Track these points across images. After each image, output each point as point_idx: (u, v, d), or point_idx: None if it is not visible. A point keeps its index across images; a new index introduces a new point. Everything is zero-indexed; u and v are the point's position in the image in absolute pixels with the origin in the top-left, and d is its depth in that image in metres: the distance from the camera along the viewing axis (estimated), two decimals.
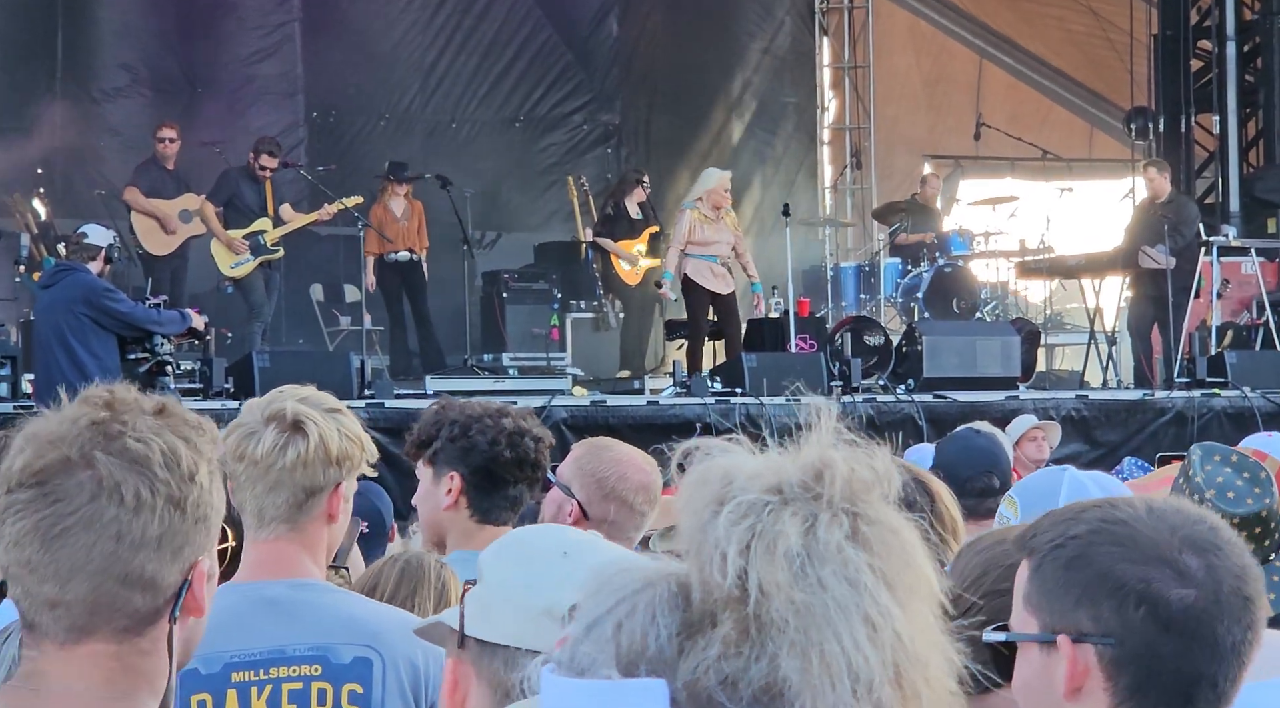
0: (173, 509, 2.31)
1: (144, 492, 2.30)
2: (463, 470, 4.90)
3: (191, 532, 2.34)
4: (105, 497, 2.29)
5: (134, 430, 2.33)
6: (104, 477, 2.29)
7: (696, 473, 1.69)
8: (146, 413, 2.36)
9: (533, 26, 22.27)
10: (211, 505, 2.36)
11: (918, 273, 19.31)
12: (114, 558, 2.29)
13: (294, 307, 19.08)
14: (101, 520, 2.29)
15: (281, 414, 3.74)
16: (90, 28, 19.76)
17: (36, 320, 13.22)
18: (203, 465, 2.36)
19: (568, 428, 14.96)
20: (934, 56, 25.36)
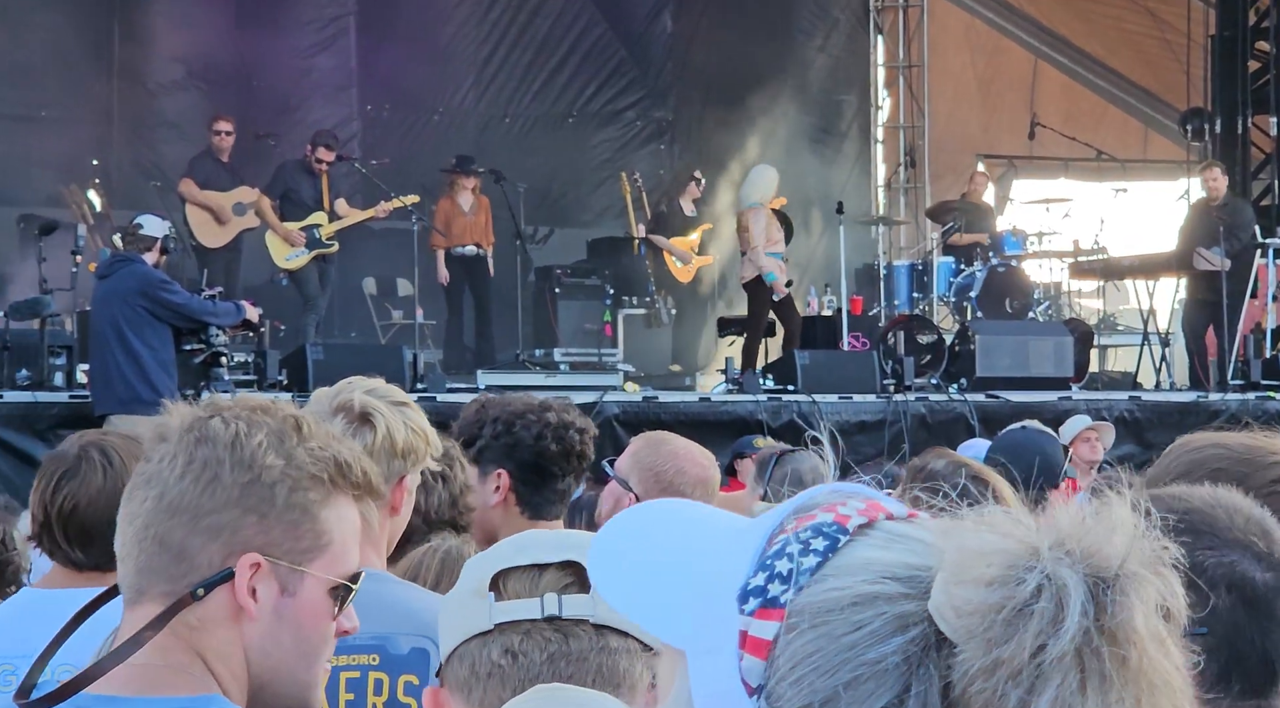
0: (219, 487, 2.37)
1: (195, 463, 2.38)
2: (510, 467, 4.90)
3: (237, 518, 2.37)
4: (167, 462, 2.40)
5: (223, 416, 2.41)
6: (175, 443, 2.40)
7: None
8: (272, 415, 2.45)
9: (586, 22, 22.28)
10: (271, 502, 2.38)
11: (971, 272, 19.27)
12: (154, 515, 2.38)
13: (347, 300, 19.13)
14: (155, 480, 2.40)
15: (349, 406, 3.74)
16: (146, 21, 19.83)
17: (93, 311, 13.27)
18: (275, 461, 2.38)
19: (619, 424, 14.98)
20: (989, 56, 25.29)
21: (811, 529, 1.53)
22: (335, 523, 2.44)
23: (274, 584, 2.39)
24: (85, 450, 4.18)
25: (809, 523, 1.54)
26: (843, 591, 1.49)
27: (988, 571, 1.43)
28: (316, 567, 2.42)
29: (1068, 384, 17.39)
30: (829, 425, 1.87)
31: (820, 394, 16.05)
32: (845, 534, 1.52)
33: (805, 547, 1.52)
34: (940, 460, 5.08)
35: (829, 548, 1.51)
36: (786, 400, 15.98)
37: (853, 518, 1.53)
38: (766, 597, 1.51)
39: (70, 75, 19.43)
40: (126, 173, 19.44)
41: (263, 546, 2.38)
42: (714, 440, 14.06)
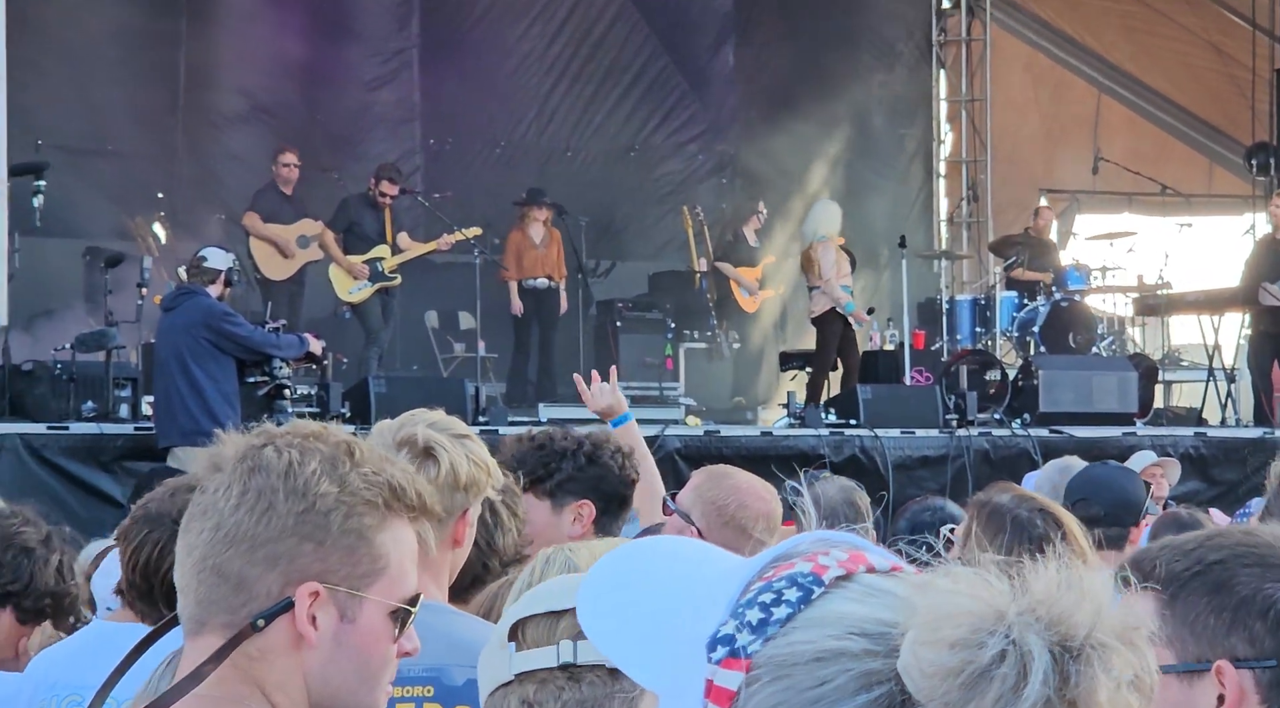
0: (274, 516, 2.37)
1: (249, 493, 2.39)
2: (594, 497, 4.90)
3: (294, 547, 2.38)
4: (222, 492, 2.41)
5: (284, 444, 2.42)
6: (229, 474, 2.42)
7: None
8: (323, 441, 2.45)
9: (649, 56, 22.31)
10: (327, 530, 2.38)
11: (1034, 307, 19.20)
12: (211, 546, 2.39)
13: (409, 333, 19.17)
14: (210, 511, 2.41)
15: (413, 439, 3.75)
16: (212, 54, 19.93)
17: (157, 343, 13.33)
18: (330, 488, 2.38)
19: (681, 458, 14.96)
20: (1052, 90, 25.22)
21: (787, 579, 1.51)
22: (392, 546, 2.44)
23: (333, 611, 2.39)
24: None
25: (786, 572, 1.52)
26: (809, 644, 1.47)
27: (953, 632, 1.41)
28: (375, 591, 2.42)
29: (1132, 420, 17.31)
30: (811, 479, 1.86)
31: (883, 429, 16.01)
32: (820, 585, 1.50)
33: (778, 597, 1.51)
34: (1005, 495, 5.05)
35: (802, 599, 1.50)
36: (849, 435, 15.95)
37: (831, 569, 1.51)
38: (734, 646, 1.50)
39: (136, 109, 19.53)
40: (191, 205, 19.52)
41: (320, 573, 2.38)
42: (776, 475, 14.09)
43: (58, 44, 18.58)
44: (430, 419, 3.85)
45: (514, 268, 18.31)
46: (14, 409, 14.01)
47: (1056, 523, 4.73)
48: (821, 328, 17.61)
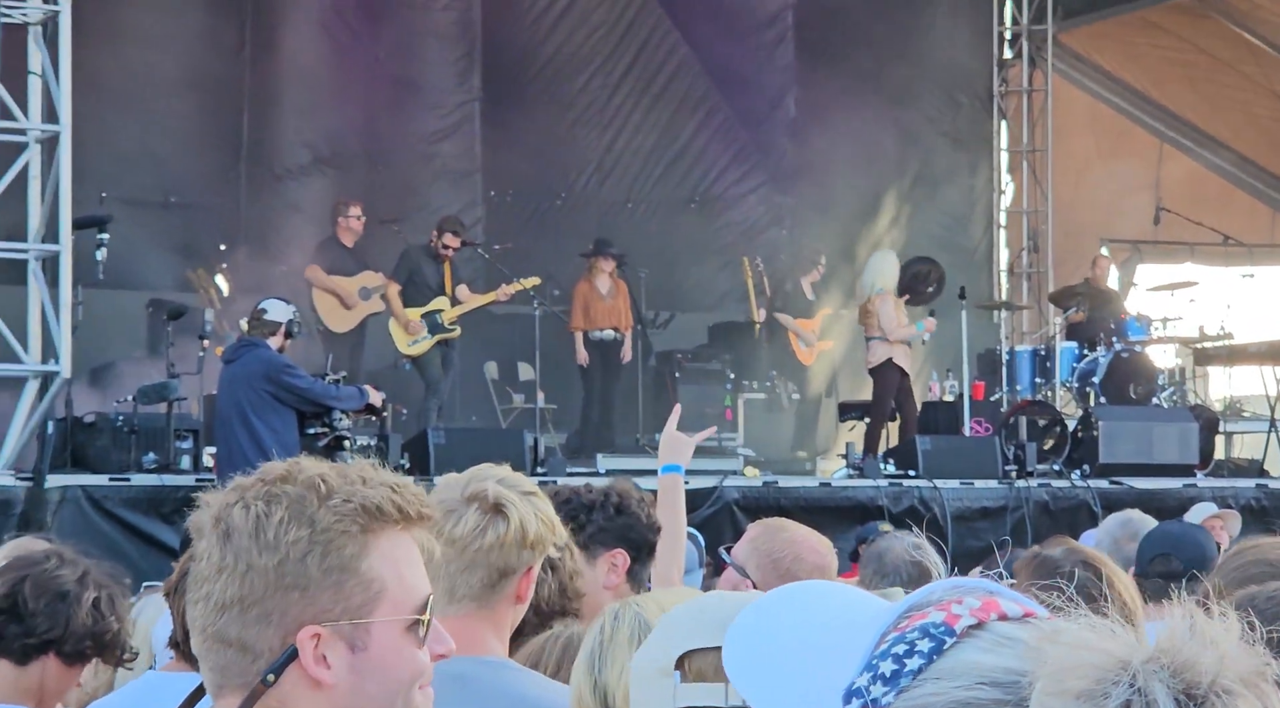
0: (255, 576, 2.38)
1: (228, 558, 2.39)
2: (625, 546, 4.93)
3: (281, 600, 2.38)
4: (205, 560, 2.42)
5: (244, 500, 2.42)
6: (206, 542, 2.43)
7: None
8: (290, 482, 2.43)
9: (710, 107, 22.36)
10: (307, 575, 2.38)
11: (1094, 357, 19.14)
12: (207, 617, 2.41)
13: (468, 384, 19.22)
14: (198, 582, 2.43)
15: (484, 495, 3.77)
16: (275, 106, 20.07)
17: (219, 395, 13.41)
18: (300, 532, 2.39)
19: (739, 509, 14.97)
20: (1113, 140, 25.17)
21: (920, 629, 1.53)
22: (383, 566, 2.42)
23: (341, 645, 2.39)
24: None
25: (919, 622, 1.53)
26: (939, 696, 1.48)
27: (1079, 683, 1.43)
28: (380, 613, 2.42)
29: (1193, 471, 17.24)
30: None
31: (942, 480, 15.99)
32: (952, 635, 1.51)
33: (911, 648, 1.52)
34: (1057, 549, 5.06)
35: (934, 650, 1.51)
36: (908, 486, 15.93)
37: (963, 618, 1.52)
38: (867, 698, 1.51)
39: (199, 161, 19.69)
40: (253, 257, 19.61)
41: (315, 615, 2.39)
42: (835, 526, 14.07)
43: (122, 98, 18.75)
44: (499, 475, 3.88)
45: (581, 319, 18.35)
46: (76, 461, 14.09)
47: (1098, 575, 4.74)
48: (878, 379, 17.61)
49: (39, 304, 13.46)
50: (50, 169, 13.50)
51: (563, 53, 21.68)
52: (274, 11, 20.02)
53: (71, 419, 14.15)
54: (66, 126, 13.49)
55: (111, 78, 18.44)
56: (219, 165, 19.88)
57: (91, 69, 16.59)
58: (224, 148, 19.94)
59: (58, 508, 12.99)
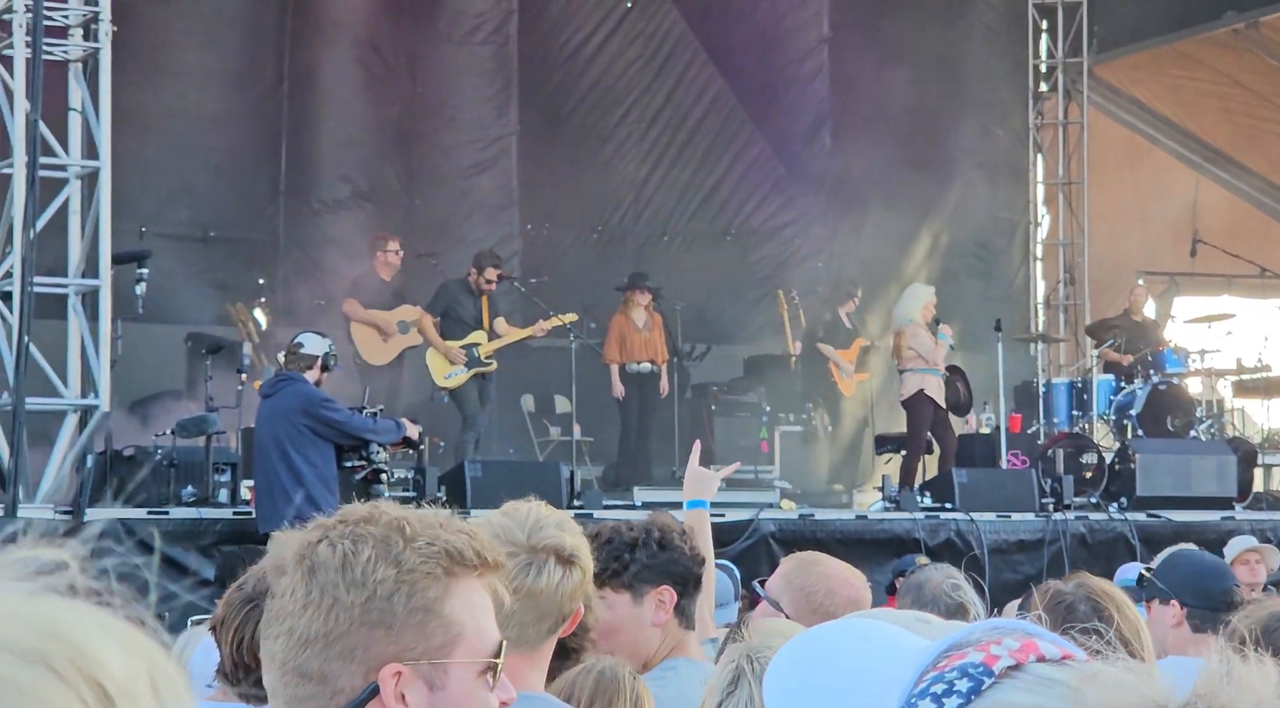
0: (341, 611, 2.42)
1: (314, 593, 2.43)
2: (671, 582, 4.93)
3: (365, 636, 2.42)
4: (289, 597, 2.46)
5: (329, 538, 2.47)
6: (290, 577, 2.46)
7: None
8: (373, 524, 2.48)
9: (745, 140, 22.40)
10: (393, 613, 2.43)
11: (1131, 390, 19.11)
12: (289, 651, 2.44)
13: (505, 417, 19.25)
14: (280, 617, 2.46)
15: (560, 549, 3.80)
16: (313, 140, 20.17)
17: (257, 429, 13.44)
18: (387, 571, 2.43)
19: (775, 542, 14.96)
20: (1150, 172, 25.14)
21: (958, 669, 1.54)
22: (461, 610, 2.48)
23: (420, 684, 2.43)
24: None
25: (958, 662, 1.55)
26: None
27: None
28: (457, 655, 2.46)
29: (1231, 504, 17.20)
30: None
31: (978, 512, 15.97)
32: (990, 676, 1.52)
33: (949, 688, 1.53)
34: (1070, 584, 5.08)
35: (972, 690, 1.52)
36: (944, 518, 15.91)
37: (1001, 659, 1.53)
38: None
39: (237, 196, 19.80)
40: (291, 291, 19.71)
41: (398, 653, 2.42)
42: (871, 559, 14.07)
43: (161, 133, 18.88)
44: (557, 520, 3.91)
45: (617, 352, 18.38)
46: (115, 494, 14.14)
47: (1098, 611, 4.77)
48: (911, 411, 17.60)
49: (79, 338, 13.53)
50: (90, 205, 13.58)
51: (599, 86, 21.75)
52: (312, 47, 20.12)
53: (111, 453, 14.21)
54: (106, 162, 13.58)
55: (151, 114, 18.58)
56: (257, 200, 19.98)
57: (131, 105, 16.71)
58: (262, 182, 20.04)
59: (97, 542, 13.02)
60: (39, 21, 12.98)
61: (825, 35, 22.61)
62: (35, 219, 12.87)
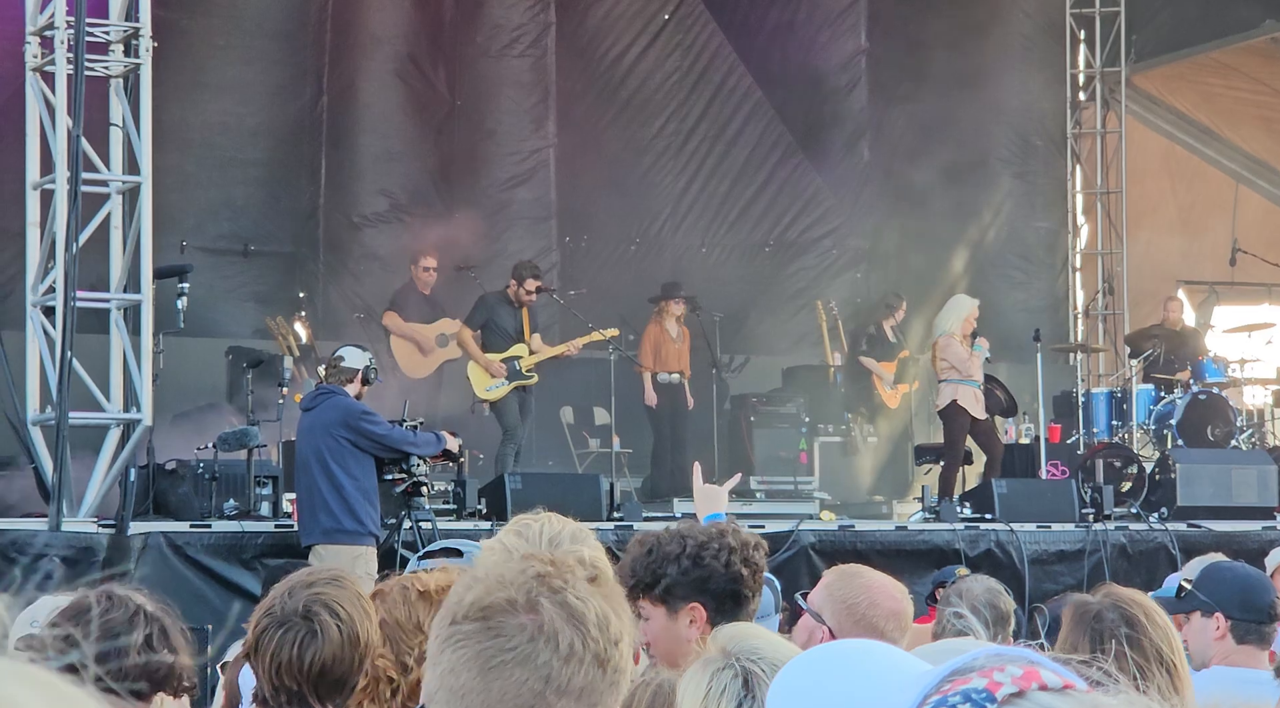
0: (597, 666, 2.46)
1: (578, 644, 2.46)
2: (703, 599, 4.93)
3: (607, 692, 2.48)
4: (544, 641, 2.45)
5: (575, 590, 2.50)
6: (545, 623, 2.46)
7: None
8: (582, 578, 2.54)
9: (783, 152, 22.41)
10: (623, 672, 2.51)
11: (1171, 400, 19.07)
12: (539, 698, 2.44)
13: (544, 429, 19.27)
14: (536, 662, 2.44)
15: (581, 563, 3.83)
16: (352, 154, 20.25)
17: (298, 443, 13.49)
18: (626, 635, 2.51)
19: (815, 553, 14.96)
20: (1188, 181, 25.09)
21: (961, 694, 1.57)
22: None
23: None
24: (311, 613, 4.40)
25: (961, 687, 1.57)
26: None
27: None
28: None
29: (1272, 514, 17.13)
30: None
31: (1018, 523, 15.94)
32: (993, 702, 1.55)
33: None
34: (1099, 594, 5.09)
35: None
36: (984, 529, 15.88)
37: (1004, 686, 1.56)
38: None
39: (277, 209, 19.89)
40: (331, 305, 19.80)
41: (611, 706, 2.51)
42: (911, 570, 14.07)
43: (201, 148, 18.99)
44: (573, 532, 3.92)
45: (651, 360, 18.45)
46: (158, 508, 14.21)
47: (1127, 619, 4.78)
48: (947, 421, 17.59)
49: (121, 353, 13.59)
50: (132, 219, 13.65)
51: (637, 99, 21.79)
52: (351, 61, 20.21)
53: (153, 466, 14.26)
54: (147, 177, 13.65)
55: (191, 128, 18.69)
56: (297, 214, 20.06)
57: (171, 120, 16.80)
58: (302, 196, 20.12)
59: (140, 555, 13.10)
60: (80, 38, 13.05)
61: (863, 46, 22.62)
62: (77, 234, 12.94)
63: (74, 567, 12.73)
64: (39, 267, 13.54)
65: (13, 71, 14.75)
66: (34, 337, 13.41)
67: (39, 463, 13.19)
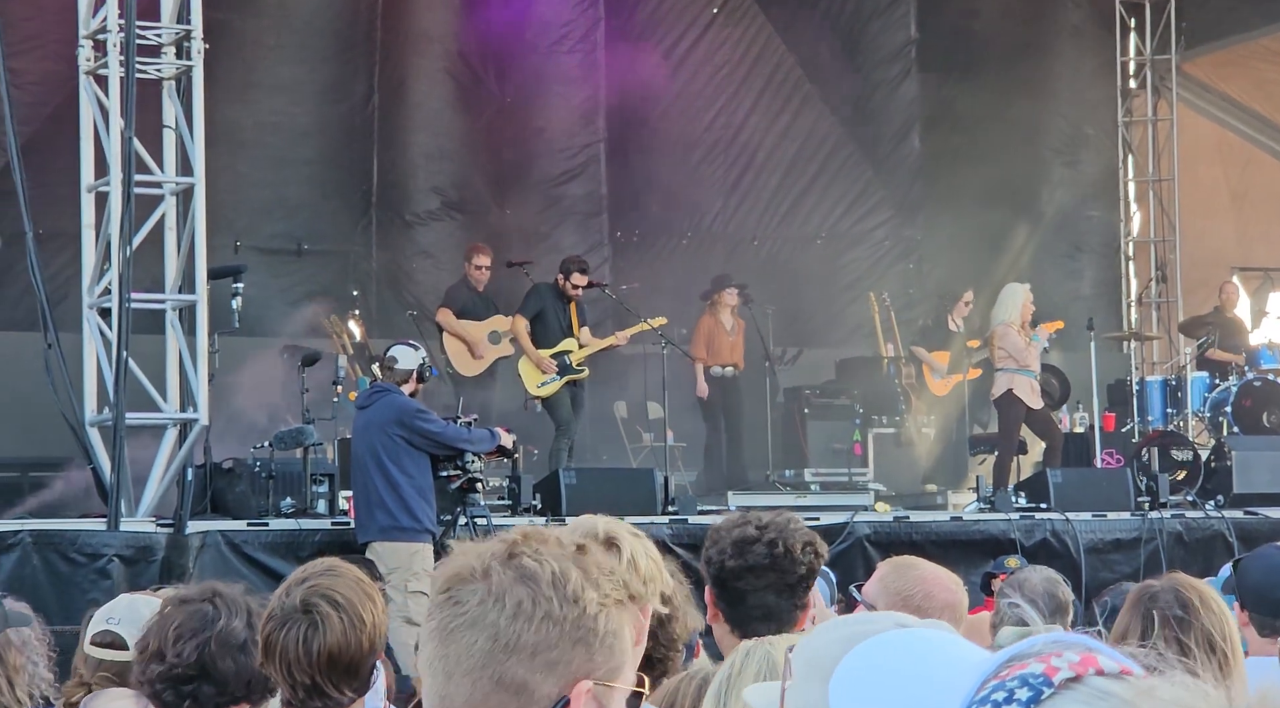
0: (551, 624, 2.45)
1: (526, 603, 2.45)
2: (711, 584, 4.98)
3: (569, 650, 2.46)
4: (492, 602, 2.46)
5: (535, 553, 2.50)
6: (494, 585, 2.46)
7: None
8: (557, 546, 2.53)
9: (834, 144, 22.40)
10: (596, 633, 2.48)
11: (1226, 387, 19.00)
12: (489, 657, 2.44)
13: (598, 423, 19.31)
14: (483, 622, 2.45)
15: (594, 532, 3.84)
16: (404, 153, 20.32)
17: (353, 441, 13.55)
18: (591, 594, 2.48)
19: (870, 544, 14.95)
20: (1242, 167, 24.97)
21: (1019, 679, 1.59)
22: (629, 637, 2.55)
23: (594, 704, 2.48)
24: (310, 605, 4.44)
25: (1019, 672, 1.60)
26: None
27: None
28: (620, 680, 2.52)
29: None
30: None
31: (1073, 512, 15.91)
32: (1050, 687, 1.57)
33: (1009, 696, 1.58)
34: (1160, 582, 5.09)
35: (1031, 699, 1.57)
36: (1039, 519, 15.85)
37: (1061, 671, 1.59)
38: None
39: (330, 208, 19.97)
40: (384, 303, 19.88)
41: (589, 671, 2.47)
42: (967, 560, 14.06)
43: (254, 149, 19.09)
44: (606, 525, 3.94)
45: (703, 352, 18.48)
46: (215, 507, 14.30)
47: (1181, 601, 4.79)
48: (1001, 411, 17.58)
49: (176, 353, 13.67)
50: (185, 220, 13.73)
51: (687, 92, 21.79)
52: (401, 60, 20.28)
53: (210, 466, 14.36)
54: (200, 178, 13.73)
55: (243, 129, 18.78)
56: (350, 213, 20.13)
57: (224, 121, 16.88)
58: (355, 195, 20.19)
59: (198, 554, 13.19)
60: (132, 41, 13.14)
61: (913, 37, 22.59)
62: (132, 236, 13.02)
63: (132, 566, 12.83)
64: (94, 269, 13.63)
65: (66, 75, 14.85)
66: (90, 338, 13.50)
67: (97, 463, 13.28)
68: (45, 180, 15.67)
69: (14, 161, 13.80)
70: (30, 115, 17.05)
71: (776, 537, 4.94)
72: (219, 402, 14.95)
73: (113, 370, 13.04)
